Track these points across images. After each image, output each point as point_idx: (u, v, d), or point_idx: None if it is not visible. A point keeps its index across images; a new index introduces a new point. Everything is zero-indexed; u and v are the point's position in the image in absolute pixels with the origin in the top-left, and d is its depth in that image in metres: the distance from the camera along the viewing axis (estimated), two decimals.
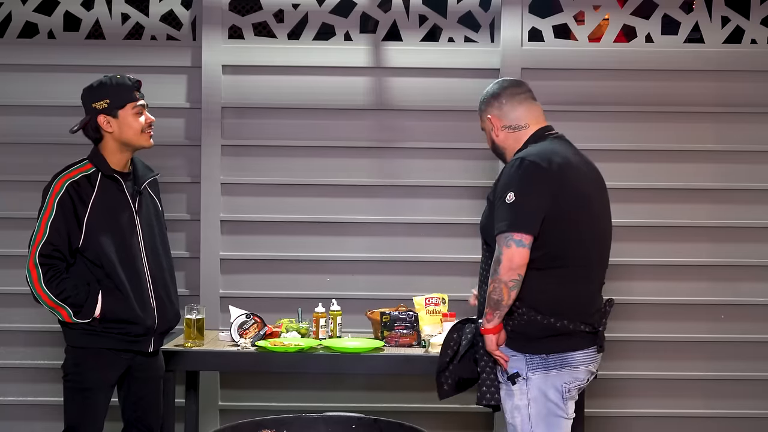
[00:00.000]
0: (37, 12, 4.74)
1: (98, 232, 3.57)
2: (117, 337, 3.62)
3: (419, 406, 4.72)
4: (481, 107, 3.46)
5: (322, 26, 4.76)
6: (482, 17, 4.77)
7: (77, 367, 3.62)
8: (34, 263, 3.54)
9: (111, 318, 3.58)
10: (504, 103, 3.38)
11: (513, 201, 3.12)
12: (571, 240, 3.17)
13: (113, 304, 3.58)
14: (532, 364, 3.18)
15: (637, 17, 4.76)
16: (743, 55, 4.74)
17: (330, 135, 4.76)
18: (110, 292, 3.58)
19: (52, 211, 3.56)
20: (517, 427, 3.21)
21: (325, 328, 4.18)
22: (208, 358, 4.04)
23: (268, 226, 4.75)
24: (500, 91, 3.41)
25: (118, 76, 3.67)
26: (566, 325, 3.15)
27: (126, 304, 3.60)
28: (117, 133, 3.63)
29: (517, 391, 3.20)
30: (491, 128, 3.41)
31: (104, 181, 3.63)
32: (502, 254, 3.11)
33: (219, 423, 4.67)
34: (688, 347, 4.74)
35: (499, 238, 3.13)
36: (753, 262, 4.75)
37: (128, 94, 3.64)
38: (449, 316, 4.15)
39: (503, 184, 3.20)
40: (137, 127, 3.65)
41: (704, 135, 4.75)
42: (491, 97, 3.43)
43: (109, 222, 3.61)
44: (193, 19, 4.76)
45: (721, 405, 4.74)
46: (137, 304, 3.62)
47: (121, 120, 3.63)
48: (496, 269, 3.12)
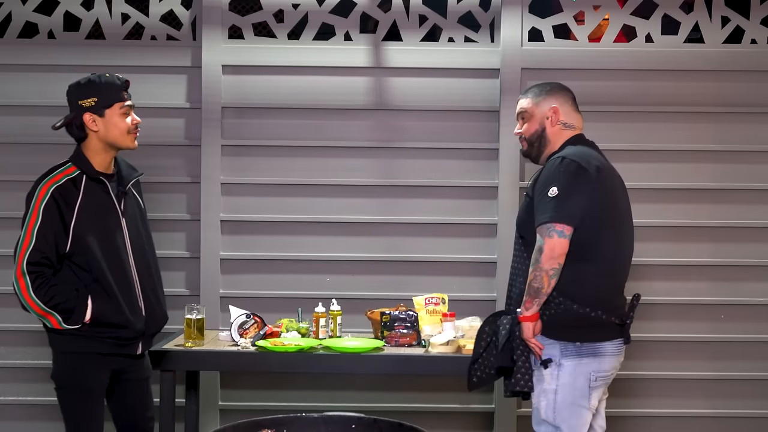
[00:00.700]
0: (37, 12, 4.74)
1: (85, 237, 3.52)
2: (107, 341, 3.58)
3: (419, 406, 4.72)
4: (542, 94, 3.58)
5: (322, 26, 4.76)
6: (482, 17, 4.77)
7: (73, 372, 3.56)
8: (21, 271, 3.48)
9: (101, 322, 3.54)
10: (568, 100, 3.59)
11: (556, 195, 3.32)
12: (604, 236, 3.38)
13: (103, 309, 3.53)
14: (566, 351, 3.37)
15: (637, 17, 4.76)
16: (743, 55, 4.74)
17: (330, 135, 4.76)
18: (99, 297, 3.53)
19: (38, 217, 3.49)
20: (541, 410, 3.39)
21: (325, 328, 4.18)
22: (208, 358, 4.03)
23: (268, 226, 4.75)
24: (566, 89, 3.61)
25: (107, 75, 3.62)
26: (600, 316, 3.36)
27: (116, 308, 3.56)
28: (102, 132, 3.58)
29: (548, 376, 3.38)
30: (548, 117, 3.54)
31: (89, 183, 3.58)
32: (544, 244, 3.30)
33: (219, 423, 4.67)
34: (689, 347, 4.75)
35: (541, 229, 3.32)
36: (753, 262, 4.75)
37: (116, 94, 3.59)
38: (449, 315, 4.14)
39: (545, 179, 3.38)
40: (123, 127, 3.60)
41: (704, 135, 4.76)
42: (558, 90, 3.59)
43: (96, 225, 3.55)
44: (193, 19, 4.76)
45: (721, 405, 4.75)
46: (127, 307, 3.59)
47: (108, 119, 3.58)
48: (537, 258, 3.31)
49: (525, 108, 3.59)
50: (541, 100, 3.56)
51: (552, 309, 3.36)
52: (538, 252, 3.31)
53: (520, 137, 3.64)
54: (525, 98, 3.62)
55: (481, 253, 4.74)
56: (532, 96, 3.59)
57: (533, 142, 3.58)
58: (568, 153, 3.43)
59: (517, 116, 3.65)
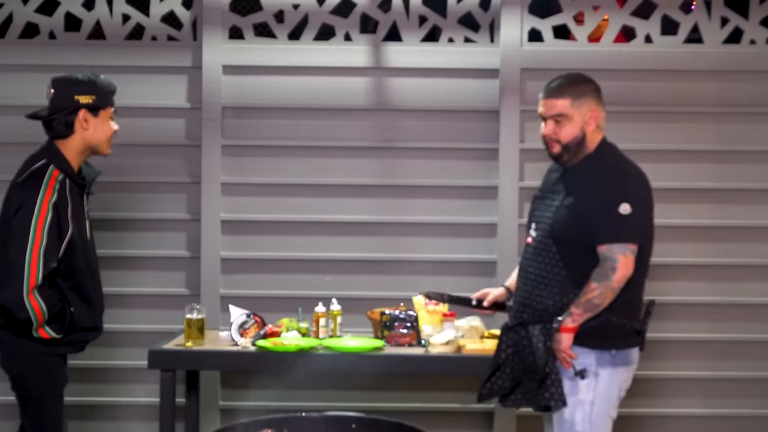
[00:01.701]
0: (38, 12, 4.74)
1: (74, 245, 3.45)
2: (77, 344, 3.57)
3: (419, 406, 4.72)
4: (581, 95, 3.36)
5: (322, 26, 4.76)
6: (482, 17, 4.77)
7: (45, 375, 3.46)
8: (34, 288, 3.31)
9: (77, 328, 3.49)
10: (601, 99, 3.43)
11: (630, 213, 3.24)
12: (647, 249, 3.38)
13: (79, 314, 3.48)
14: (602, 360, 3.31)
15: (636, 18, 4.76)
16: (742, 56, 4.74)
17: (330, 135, 4.76)
18: (76, 303, 3.47)
19: (42, 235, 3.35)
20: (577, 423, 3.30)
21: (325, 328, 4.18)
22: (209, 358, 4.04)
23: (268, 226, 4.76)
24: (596, 84, 3.43)
25: (102, 76, 3.58)
26: (633, 325, 3.34)
27: (90, 313, 3.53)
28: (90, 133, 3.50)
29: (584, 387, 3.30)
30: (586, 120, 3.36)
31: (72, 187, 3.50)
32: (618, 262, 3.22)
33: (219, 423, 4.67)
34: (687, 347, 4.75)
35: (614, 247, 3.24)
36: (753, 262, 4.75)
37: (111, 98, 3.57)
38: (449, 315, 4.15)
39: (611, 193, 3.26)
40: (109, 132, 3.56)
41: (704, 135, 4.76)
42: (596, 91, 3.41)
43: (79, 232, 3.50)
44: (193, 20, 4.76)
45: (721, 405, 4.74)
46: (96, 311, 3.57)
47: (99, 121, 3.51)
48: (608, 275, 3.22)
49: (563, 111, 3.34)
50: (581, 102, 3.35)
51: (591, 320, 3.28)
52: (611, 270, 3.22)
53: (549, 139, 3.39)
54: (561, 98, 3.34)
55: (480, 253, 4.74)
56: (571, 97, 3.34)
57: (571, 148, 3.36)
58: (625, 165, 3.37)
59: (549, 117, 3.37)
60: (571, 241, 3.30)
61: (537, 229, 3.41)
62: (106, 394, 4.75)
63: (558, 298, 3.31)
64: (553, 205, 3.37)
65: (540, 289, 3.36)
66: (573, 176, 3.38)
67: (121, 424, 4.76)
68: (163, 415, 3.95)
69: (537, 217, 3.44)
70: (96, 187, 4.77)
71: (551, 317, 3.30)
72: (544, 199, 3.46)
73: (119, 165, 4.73)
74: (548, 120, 3.38)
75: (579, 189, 3.32)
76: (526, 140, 4.69)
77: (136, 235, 4.75)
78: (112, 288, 4.73)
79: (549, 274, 3.34)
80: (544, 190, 3.51)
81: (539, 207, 3.47)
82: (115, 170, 4.74)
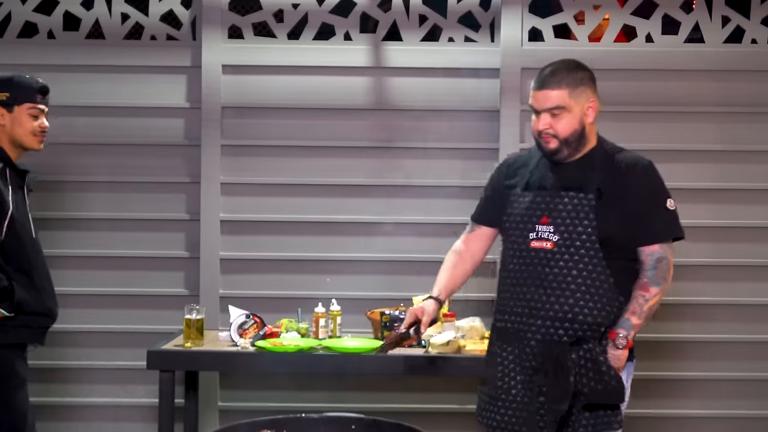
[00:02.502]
0: (37, 12, 4.73)
1: (15, 228, 3.51)
2: (29, 330, 3.55)
3: (419, 406, 4.72)
4: (578, 84, 3.09)
5: (322, 26, 4.76)
6: (482, 17, 4.77)
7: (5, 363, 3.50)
8: None
9: (27, 311, 3.51)
10: (596, 86, 3.17)
11: (674, 208, 3.12)
12: None
13: (27, 298, 3.50)
14: (629, 371, 3.22)
15: (637, 17, 4.76)
16: (743, 55, 4.73)
17: (330, 135, 4.75)
18: (23, 286, 3.50)
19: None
20: None
21: (325, 328, 4.18)
22: (208, 358, 4.03)
23: (268, 226, 4.75)
24: (591, 71, 3.17)
25: (27, 76, 3.64)
26: None
27: (38, 296, 3.55)
28: (9, 128, 3.60)
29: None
30: (585, 111, 3.11)
31: (12, 175, 3.59)
32: (670, 261, 3.09)
33: (219, 423, 4.67)
34: (687, 347, 4.74)
35: (666, 246, 3.09)
36: (752, 262, 4.75)
37: (30, 95, 3.62)
38: (449, 316, 4.14)
39: (654, 188, 3.12)
40: (29, 127, 3.61)
41: (704, 135, 4.75)
42: (592, 79, 3.14)
43: (20, 217, 3.55)
44: (192, 19, 4.76)
45: (719, 405, 4.74)
46: (47, 299, 3.59)
47: (15, 116, 3.60)
48: (666, 277, 3.08)
49: (561, 103, 3.06)
50: (580, 92, 3.08)
51: None
52: (667, 271, 3.06)
53: (544, 134, 3.10)
54: (558, 89, 3.06)
55: None
56: (569, 87, 3.06)
57: (571, 142, 3.08)
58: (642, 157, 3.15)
59: (544, 110, 3.09)
60: (620, 245, 3.05)
61: (558, 232, 3.06)
62: (105, 395, 4.74)
63: (609, 309, 3.04)
64: (574, 204, 3.06)
65: (586, 300, 3.03)
66: (590, 171, 3.09)
67: (120, 424, 4.75)
68: (162, 416, 3.94)
69: (553, 218, 3.08)
70: (95, 186, 4.80)
71: (600, 331, 3.04)
72: (553, 198, 3.10)
73: (118, 165, 4.74)
74: (543, 113, 3.09)
75: (615, 186, 3.05)
76: (526, 140, 4.68)
77: (135, 235, 4.74)
78: (112, 288, 4.74)
79: (595, 282, 3.03)
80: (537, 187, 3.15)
81: (546, 207, 3.10)
82: (113, 170, 4.75)
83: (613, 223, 3.04)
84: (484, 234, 3.39)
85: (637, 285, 3.09)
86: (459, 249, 3.41)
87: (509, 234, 3.21)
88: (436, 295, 3.34)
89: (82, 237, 4.72)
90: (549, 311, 3.05)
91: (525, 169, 3.24)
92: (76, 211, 4.73)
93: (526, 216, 3.15)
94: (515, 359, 3.13)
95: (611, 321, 3.06)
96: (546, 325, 3.06)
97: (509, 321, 3.16)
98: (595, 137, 3.19)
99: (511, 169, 3.29)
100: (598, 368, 3.02)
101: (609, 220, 3.03)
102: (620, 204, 3.05)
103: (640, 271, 3.10)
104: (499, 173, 3.35)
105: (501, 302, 3.23)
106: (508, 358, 3.15)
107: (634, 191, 3.07)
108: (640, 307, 3.06)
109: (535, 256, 3.10)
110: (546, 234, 3.10)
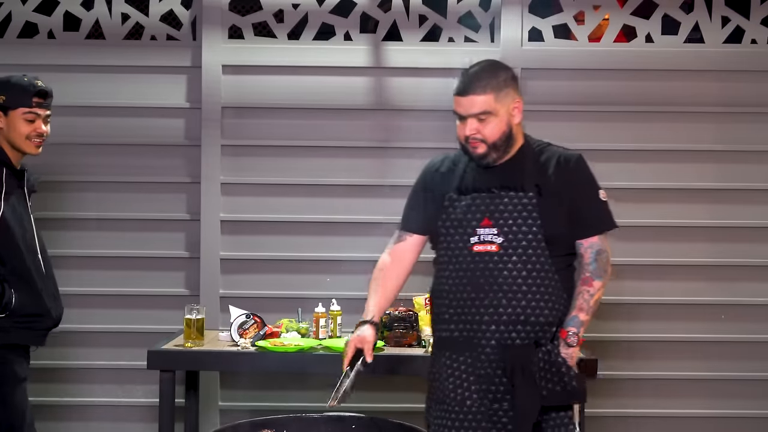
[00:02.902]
0: (37, 12, 4.73)
1: (10, 227, 3.48)
2: (26, 332, 3.52)
3: (419, 406, 4.69)
4: (502, 86, 3.01)
5: (322, 26, 4.76)
6: (482, 17, 4.77)
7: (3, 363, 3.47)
8: None
9: (23, 312, 3.48)
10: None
11: (606, 199, 3.08)
12: None
13: (23, 299, 3.47)
14: None
15: (637, 17, 4.75)
16: (743, 55, 4.73)
17: (330, 135, 4.75)
18: (19, 287, 3.48)
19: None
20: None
21: (325, 328, 4.18)
22: (208, 358, 4.03)
23: (268, 226, 4.75)
24: (510, 68, 3.09)
25: (26, 78, 3.59)
26: None
27: (36, 298, 3.52)
28: (5, 131, 3.57)
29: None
30: (511, 113, 3.03)
31: (9, 175, 3.55)
32: (609, 252, 3.05)
33: (219, 423, 4.67)
34: (687, 347, 4.74)
35: (603, 237, 3.06)
36: (753, 262, 4.74)
37: (25, 99, 3.56)
38: None
39: (587, 181, 3.08)
40: (22, 132, 3.56)
41: (704, 135, 4.75)
42: (514, 79, 3.06)
43: (15, 217, 3.52)
44: (193, 19, 4.76)
45: (719, 405, 4.74)
46: (45, 297, 3.55)
47: (10, 120, 3.56)
48: (606, 269, 3.04)
49: (487, 108, 2.98)
50: (505, 94, 3.00)
51: None
52: (608, 263, 3.02)
53: (472, 138, 3.02)
54: (483, 94, 2.97)
55: None
56: (494, 91, 2.98)
57: (499, 146, 3.02)
58: (568, 149, 3.12)
59: (469, 116, 3.01)
60: (563, 241, 3.02)
61: (503, 233, 3.00)
62: (105, 395, 4.75)
63: (558, 307, 3.00)
64: (515, 203, 3.01)
65: (537, 300, 2.98)
66: (524, 169, 3.05)
67: (120, 424, 4.75)
68: (162, 416, 3.94)
69: (495, 219, 3.01)
70: (95, 187, 4.79)
71: (552, 331, 3.00)
72: (493, 199, 3.04)
73: (118, 165, 4.74)
74: (469, 118, 3.01)
75: (553, 181, 3.02)
76: None
77: (135, 235, 4.74)
78: (112, 288, 4.75)
79: (544, 282, 2.99)
80: (472, 189, 3.08)
81: (486, 209, 3.04)
82: (114, 170, 4.75)
83: (557, 219, 3.00)
84: (415, 242, 3.28)
85: (580, 280, 3.04)
86: (387, 265, 3.29)
87: (446, 240, 3.11)
88: (370, 319, 3.20)
89: (82, 237, 4.72)
90: (503, 315, 2.98)
91: (453, 173, 3.17)
92: (76, 211, 4.73)
93: (465, 220, 3.06)
94: (468, 368, 3.04)
95: (560, 319, 3.02)
96: (500, 330, 2.98)
97: (457, 330, 3.05)
98: (522, 136, 3.12)
99: (438, 174, 3.21)
100: (558, 369, 2.96)
101: (552, 217, 2.99)
102: (560, 199, 3.01)
103: (580, 265, 3.06)
104: (425, 178, 3.26)
105: (442, 312, 3.11)
106: (460, 368, 3.06)
107: (572, 185, 3.04)
108: (586, 303, 3.01)
109: (480, 260, 3.02)
110: (489, 236, 3.02)
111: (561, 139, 4.69)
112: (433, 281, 3.21)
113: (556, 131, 4.72)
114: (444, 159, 3.25)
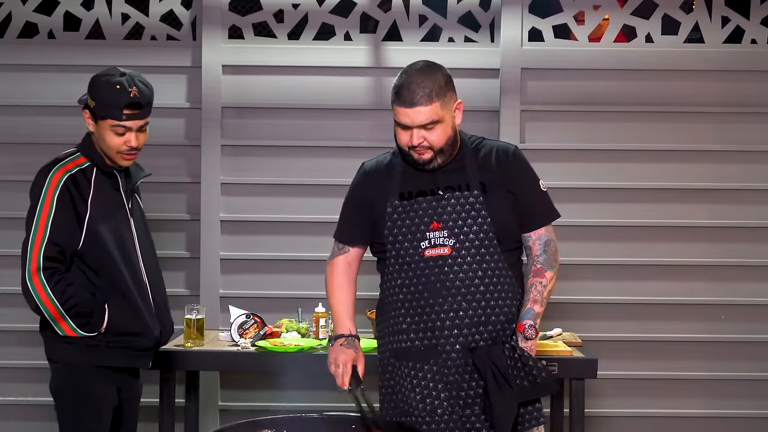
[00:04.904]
0: (37, 12, 4.73)
1: (100, 233, 3.23)
2: (120, 352, 3.28)
3: None
4: (444, 92, 2.91)
5: (322, 26, 4.76)
6: (482, 17, 4.77)
7: (78, 388, 3.24)
8: (37, 268, 3.13)
9: (118, 331, 3.25)
10: None
11: (545, 188, 3.08)
12: None
13: (119, 315, 3.24)
14: None
15: (637, 17, 4.76)
16: (743, 55, 4.73)
17: (330, 135, 4.76)
18: (114, 302, 3.24)
19: (51, 208, 3.17)
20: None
21: (325, 328, 4.18)
22: (208, 358, 4.03)
23: (268, 226, 4.75)
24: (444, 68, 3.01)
25: (118, 86, 3.22)
26: None
27: (134, 314, 3.28)
28: (97, 136, 3.29)
29: None
30: (454, 115, 2.97)
31: (100, 176, 3.29)
32: (556, 244, 3.06)
33: (219, 423, 4.67)
34: (687, 347, 4.74)
35: (550, 227, 3.06)
36: (752, 262, 4.75)
37: (114, 111, 3.22)
38: None
39: (530, 172, 3.06)
40: (112, 145, 3.26)
41: (704, 135, 4.75)
42: (450, 78, 2.97)
43: (108, 223, 3.26)
44: (193, 19, 4.76)
45: (719, 405, 4.74)
46: (145, 313, 3.33)
47: (100, 129, 3.26)
48: (556, 258, 3.04)
49: (435, 117, 2.89)
50: (448, 99, 2.92)
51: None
52: (555, 252, 3.03)
53: (419, 147, 2.93)
54: (430, 104, 2.87)
55: None
56: (438, 97, 2.88)
57: (446, 150, 2.95)
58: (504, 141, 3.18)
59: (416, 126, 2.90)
60: (511, 236, 2.99)
61: (453, 235, 2.94)
62: None
63: (515, 303, 2.98)
64: (462, 203, 2.96)
65: (495, 299, 2.95)
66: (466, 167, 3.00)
67: None
68: (162, 416, 3.94)
69: (444, 222, 2.95)
70: None
71: (512, 327, 2.98)
72: (439, 201, 2.97)
73: None
74: (414, 128, 2.91)
75: (495, 176, 2.98)
76: (526, 140, 4.68)
77: None
78: None
79: (500, 279, 2.96)
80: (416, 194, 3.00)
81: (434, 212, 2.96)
82: None
83: (504, 214, 2.97)
84: (358, 252, 3.21)
85: (532, 272, 3.04)
86: (339, 278, 3.20)
87: (394, 248, 3.01)
88: (349, 333, 3.14)
89: None
90: (464, 318, 2.93)
91: (390, 178, 3.07)
92: None
93: (413, 226, 2.98)
94: (435, 376, 2.97)
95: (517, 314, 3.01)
96: (463, 333, 2.93)
97: (417, 339, 2.99)
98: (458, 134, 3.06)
99: (373, 181, 3.11)
100: (525, 363, 2.91)
101: (500, 213, 2.96)
102: (505, 193, 2.99)
103: (530, 257, 3.06)
104: (360, 186, 3.16)
105: (398, 322, 3.03)
106: (426, 377, 2.98)
107: (515, 178, 3.01)
108: (540, 294, 2.99)
109: (434, 265, 2.94)
110: (440, 240, 2.95)
111: (561, 139, 4.75)
112: (383, 291, 3.12)
113: (556, 131, 4.76)
114: (376, 164, 3.15)
